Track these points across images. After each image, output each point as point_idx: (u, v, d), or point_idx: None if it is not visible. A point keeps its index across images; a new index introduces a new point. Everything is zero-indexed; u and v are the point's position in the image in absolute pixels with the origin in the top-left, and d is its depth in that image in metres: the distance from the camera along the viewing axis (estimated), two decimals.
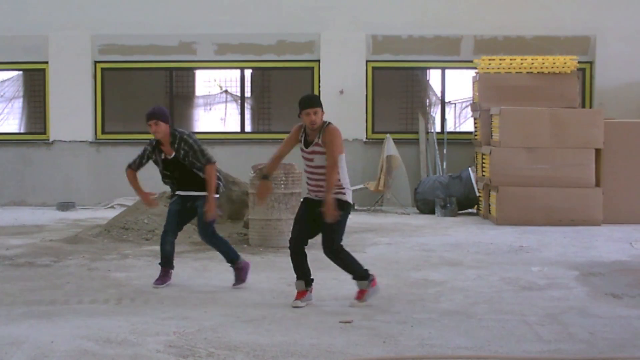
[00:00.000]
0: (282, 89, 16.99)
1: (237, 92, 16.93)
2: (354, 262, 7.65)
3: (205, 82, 17.49)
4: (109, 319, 7.04)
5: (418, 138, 16.06)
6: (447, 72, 16.48)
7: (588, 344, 6.38)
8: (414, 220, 14.03)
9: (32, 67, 16.65)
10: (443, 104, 16.55)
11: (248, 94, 17.07)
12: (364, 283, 7.63)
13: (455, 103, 16.99)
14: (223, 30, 16.23)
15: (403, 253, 10.66)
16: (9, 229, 12.87)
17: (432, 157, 15.94)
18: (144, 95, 17.13)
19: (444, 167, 15.81)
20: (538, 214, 13.24)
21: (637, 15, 16.12)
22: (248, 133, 16.78)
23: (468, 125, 16.52)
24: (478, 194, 14.54)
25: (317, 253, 7.88)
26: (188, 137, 8.32)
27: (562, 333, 6.70)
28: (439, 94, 16.56)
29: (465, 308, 7.55)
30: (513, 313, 7.35)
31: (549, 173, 13.42)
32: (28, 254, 10.38)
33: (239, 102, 16.83)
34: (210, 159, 8.27)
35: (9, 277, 9.02)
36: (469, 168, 14.91)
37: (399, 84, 16.67)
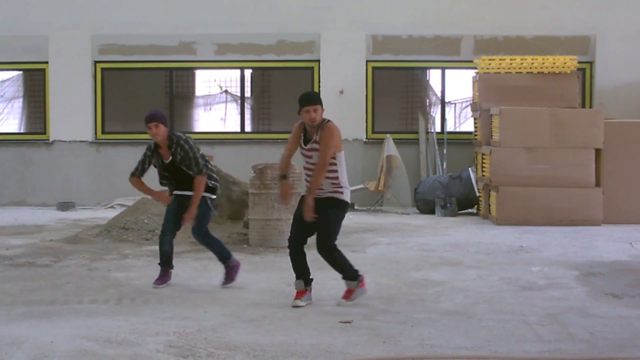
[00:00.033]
0: (282, 89, 16.99)
1: (237, 92, 16.93)
2: (346, 262, 7.69)
3: (205, 82, 17.50)
4: (109, 319, 7.03)
5: (418, 138, 16.06)
6: (447, 72, 16.48)
7: (588, 344, 6.38)
8: (414, 220, 14.02)
9: (32, 67, 16.65)
10: (443, 104, 16.54)
11: (248, 94, 17.07)
12: (353, 283, 7.68)
13: (455, 103, 16.99)
14: (223, 30, 16.23)
15: (403, 253, 10.66)
16: (9, 229, 12.86)
17: (432, 157, 15.94)
18: (144, 95, 17.14)
19: (444, 167, 15.81)
20: (538, 214, 13.24)
21: (637, 15, 16.12)
22: (248, 133, 16.78)
23: (468, 125, 16.52)
24: (478, 194, 14.54)
25: (316, 253, 7.87)
26: (185, 142, 8.34)
27: (562, 333, 6.70)
28: (439, 94, 16.56)
29: (465, 308, 7.55)
30: (513, 313, 7.34)
31: (549, 173, 13.41)
32: (28, 254, 10.38)
33: (239, 102, 16.83)
34: (202, 170, 8.29)
35: (9, 277, 9.02)
36: (469, 168, 14.91)
37: (399, 84, 16.67)
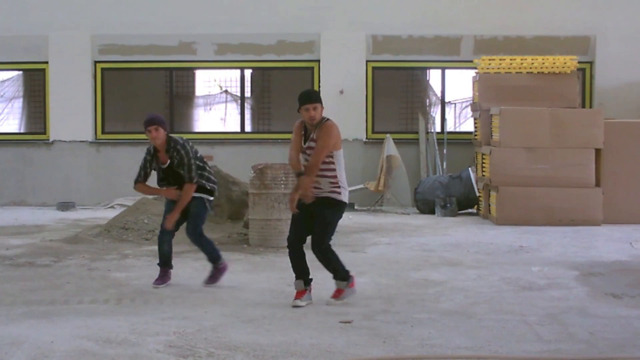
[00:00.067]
0: (282, 89, 16.98)
1: (237, 92, 16.93)
2: (339, 262, 7.70)
3: (205, 82, 17.49)
4: (109, 319, 7.03)
5: (418, 138, 16.05)
6: (447, 72, 16.48)
7: (588, 344, 6.38)
8: (414, 220, 14.02)
9: (32, 67, 16.65)
10: (443, 104, 16.54)
11: (248, 94, 17.07)
12: (343, 283, 7.70)
13: (455, 103, 16.99)
14: (223, 30, 16.22)
15: (403, 253, 10.66)
16: (9, 229, 12.86)
17: (432, 157, 15.93)
18: (144, 95, 17.15)
19: (444, 167, 15.80)
20: (538, 214, 13.24)
21: (637, 15, 16.11)
22: (248, 133, 16.78)
23: (468, 125, 16.52)
24: (478, 194, 14.54)
25: None
26: (182, 147, 8.38)
27: (562, 333, 6.70)
28: (439, 94, 16.56)
29: (465, 308, 7.55)
30: (513, 313, 7.34)
31: (549, 173, 13.41)
32: (28, 254, 10.38)
33: (239, 102, 16.83)
34: (192, 178, 8.34)
35: (9, 277, 9.02)
36: (469, 168, 14.90)
37: (399, 84, 16.67)
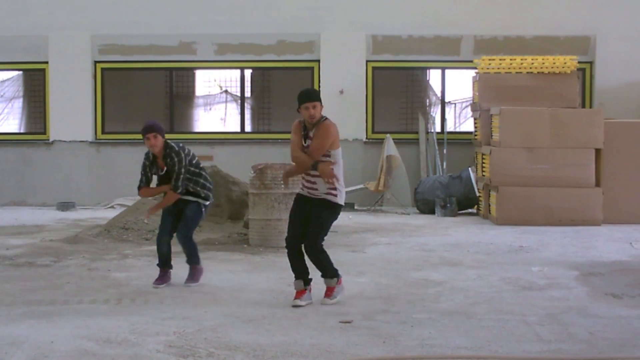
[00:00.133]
0: (282, 89, 16.98)
1: (237, 92, 16.93)
2: (330, 262, 7.74)
3: (205, 82, 17.48)
4: (109, 319, 7.04)
5: (418, 138, 16.05)
6: (447, 72, 16.48)
7: (588, 344, 6.38)
8: (414, 220, 14.02)
9: (32, 67, 16.65)
10: (443, 104, 16.54)
11: (248, 94, 17.07)
12: (333, 281, 7.74)
13: (455, 103, 16.99)
14: (223, 30, 16.22)
15: (403, 253, 10.66)
16: (9, 229, 12.86)
17: (432, 157, 15.93)
18: (144, 95, 17.14)
19: (444, 167, 15.80)
20: (538, 214, 13.24)
21: (637, 15, 16.11)
22: (248, 133, 16.77)
23: (468, 125, 16.52)
24: (478, 194, 14.53)
25: None
26: (176, 154, 8.51)
27: (562, 333, 6.70)
28: (439, 94, 16.56)
29: (465, 308, 7.55)
30: (513, 313, 7.35)
31: (549, 173, 13.41)
32: (28, 254, 10.38)
33: (239, 102, 16.83)
34: (177, 188, 8.49)
35: (9, 277, 9.02)
36: (469, 168, 14.90)
37: (399, 84, 16.67)
